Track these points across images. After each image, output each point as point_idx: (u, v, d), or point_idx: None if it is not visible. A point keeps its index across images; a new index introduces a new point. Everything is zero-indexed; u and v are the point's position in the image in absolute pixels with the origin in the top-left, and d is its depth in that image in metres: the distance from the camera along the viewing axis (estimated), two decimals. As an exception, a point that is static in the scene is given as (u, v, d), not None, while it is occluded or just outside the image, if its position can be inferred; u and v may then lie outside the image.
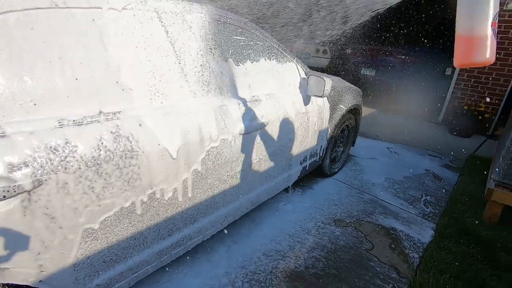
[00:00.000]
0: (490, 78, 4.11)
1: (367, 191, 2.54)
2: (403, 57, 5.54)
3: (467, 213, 2.24)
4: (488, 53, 0.76)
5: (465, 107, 4.10)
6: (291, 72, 1.92)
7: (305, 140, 2.05)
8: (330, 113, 2.29)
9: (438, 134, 4.24)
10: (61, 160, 0.88)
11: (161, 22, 1.21)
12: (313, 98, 2.03)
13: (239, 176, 1.56)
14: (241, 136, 1.47)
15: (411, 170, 2.99)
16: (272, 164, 1.80)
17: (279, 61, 1.83)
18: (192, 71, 1.29)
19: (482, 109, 4.01)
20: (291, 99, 1.85)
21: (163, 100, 1.18)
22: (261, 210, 2.11)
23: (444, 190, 2.66)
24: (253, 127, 1.53)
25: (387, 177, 2.83)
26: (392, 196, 2.50)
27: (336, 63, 6.36)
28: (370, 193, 2.52)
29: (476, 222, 2.13)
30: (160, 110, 1.15)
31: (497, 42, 0.77)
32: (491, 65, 4.03)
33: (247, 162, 1.57)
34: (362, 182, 2.69)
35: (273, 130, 1.71)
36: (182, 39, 1.27)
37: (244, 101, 1.52)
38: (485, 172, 2.77)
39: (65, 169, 0.88)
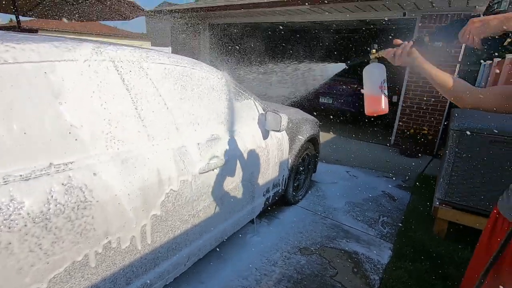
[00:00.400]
0: (429, 104, 4.65)
1: (329, 216, 2.65)
2: (356, 86, 6.08)
3: (419, 230, 2.43)
4: (382, 105, 1.08)
5: (411, 130, 4.54)
6: (250, 109, 2.03)
7: (267, 172, 2.13)
8: (289, 144, 2.42)
9: (390, 156, 4.61)
10: (5, 219, 0.84)
11: (117, 70, 1.25)
12: (271, 132, 2.14)
13: (201, 214, 1.56)
14: (202, 175, 1.50)
15: (368, 193, 3.19)
16: (234, 198, 1.83)
17: (238, 99, 1.94)
18: (150, 115, 1.33)
19: (426, 131, 4.47)
20: (251, 134, 1.94)
21: (120, 146, 1.18)
22: (228, 244, 2.10)
23: (398, 210, 2.87)
24: (213, 165, 1.57)
25: (347, 200, 2.98)
26: (353, 220, 2.63)
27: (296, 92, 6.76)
28: (333, 218, 2.63)
29: (427, 238, 2.31)
30: (117, 157, 1.15)
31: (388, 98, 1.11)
32: (429, 92, 4.57)
33: (209, 200, 1.59)
34: (325, 208, 2.80)
35: (234, 166, 1.76)
36: (138, 85, 1.32)
37: (203, 140, 1.57)
38: (432, 190, 3.04)
39: (9, 228, 0.84)
